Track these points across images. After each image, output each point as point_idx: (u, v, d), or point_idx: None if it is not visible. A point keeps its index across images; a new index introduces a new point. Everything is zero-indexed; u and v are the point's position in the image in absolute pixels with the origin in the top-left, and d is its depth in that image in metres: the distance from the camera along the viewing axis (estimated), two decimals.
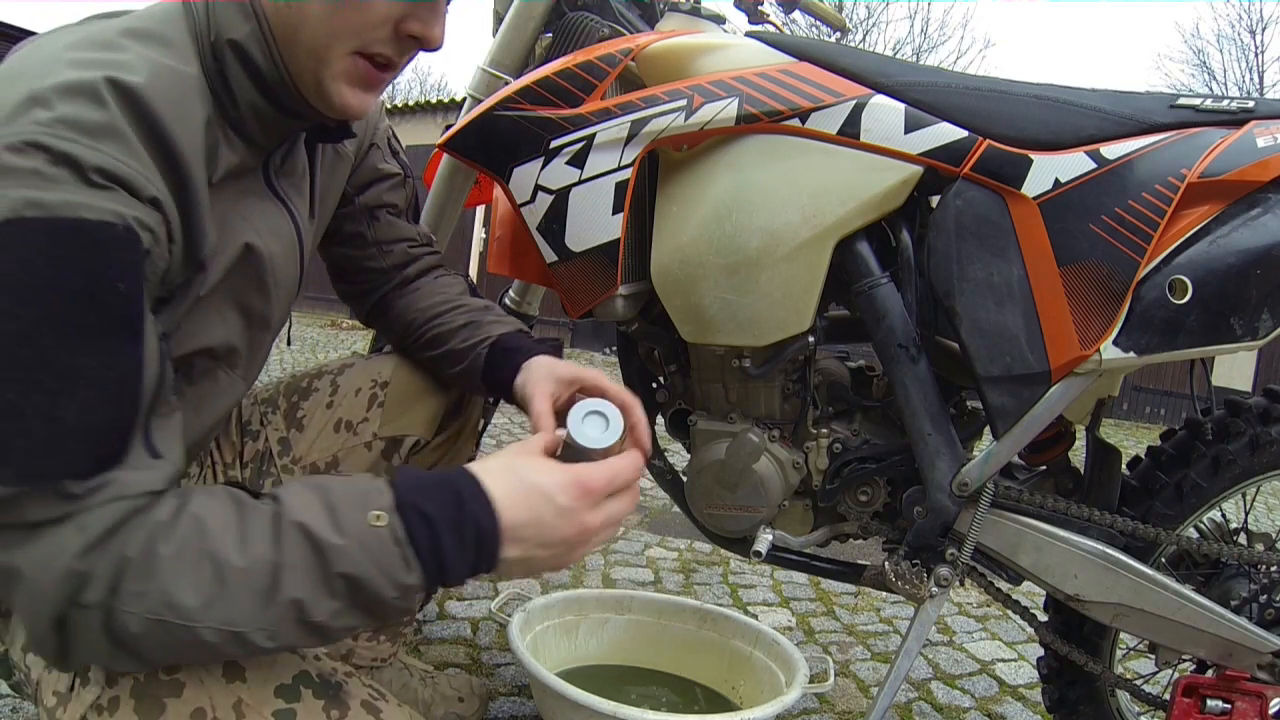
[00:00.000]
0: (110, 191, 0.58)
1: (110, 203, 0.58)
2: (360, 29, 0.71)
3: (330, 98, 0.74)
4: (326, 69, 0.73)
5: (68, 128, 0.57)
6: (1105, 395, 1.14)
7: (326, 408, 1.10)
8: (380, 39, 0.72)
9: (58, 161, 0.56)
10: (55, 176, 0.56)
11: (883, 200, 1.04)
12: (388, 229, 1.10)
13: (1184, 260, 0.98)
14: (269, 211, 0.82)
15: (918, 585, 1.12)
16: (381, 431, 1.10)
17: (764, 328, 1.07)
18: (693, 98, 1.05)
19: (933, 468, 1.08)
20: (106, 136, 0.59)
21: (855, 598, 2.18)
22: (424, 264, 1.15)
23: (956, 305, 1.03)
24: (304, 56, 0.72)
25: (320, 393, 1.12)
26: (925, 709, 1.64)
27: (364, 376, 1.12)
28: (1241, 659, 1.09)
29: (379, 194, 1.08)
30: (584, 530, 0.67)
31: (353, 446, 1.10)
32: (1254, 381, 8.66)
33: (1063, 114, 1.02)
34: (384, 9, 0.71)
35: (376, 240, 1.10)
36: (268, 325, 0.86)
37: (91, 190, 0.57)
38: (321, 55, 0.72)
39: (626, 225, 1.07)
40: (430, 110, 10.65)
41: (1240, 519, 1.23)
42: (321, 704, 0.69)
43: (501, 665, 1.58)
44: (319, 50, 0.72)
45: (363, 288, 1.13)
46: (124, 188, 0.59)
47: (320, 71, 0.73)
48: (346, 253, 1.10)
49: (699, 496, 1.20)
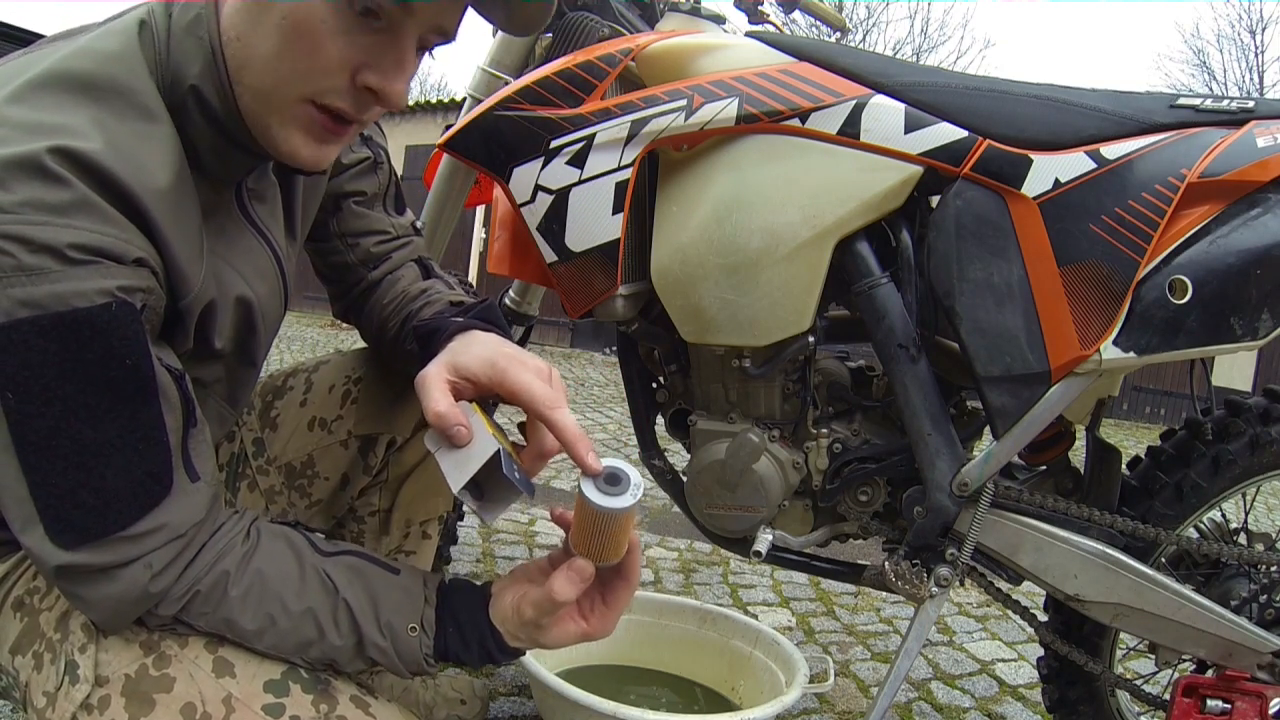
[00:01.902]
0: (94, 266, 0.58)
1: (97, 279, 0.58)
2: (310, 74, 0.65)
3: (277, 145, 0.69)
4: (273, 114, 0.68)
5: (34, 210, 0.56)
6: (1105, 395, 1.14)
7: (300, 406, 1.07)
8: (334, 88, 0.66)
9: (36, 250, 0.56)
10: (37, 267, 0.56)
11: (883, 200, 1.04)
12: (354, 220, 1.01)
13: (1184, 260, 0.98)
14: (251, 250, 0.79)
15: (918, 585, 1.12)
16: (356, 430, 1.06)
17: (764, 328, 1.07)
18: (693, 98, 1.05)
19: (933, 468, 1.08)
20: (76, 211, 0.58)
21: (855, 598, 2.18)
22: (395, 261, 1.04)
23: (956, 305, 1.03)
24: (249, 98, 0.67)
25: (294, 391, 1.08)
26: (925, 709, 1.64)
27: (337, 373, 1.08)
28: (1241, 659, 1.09)
29: (341, 183, 0.98)
30: None
31: (327, 445, 1.07)
32: (1254, 381, 8.66)
33: (1063, 114, 1.02)
34: (338, 54, 0.65)
35: (341, 233, 1.00)
36: (255, 363, 0.87)
37: (76, 270, 0.57)
38: (269, 99, 0.67)
39: (626, 225, 1.07)
40: (430, 110, 10.66)
41: (1240, 519, 1.23)
42: (310, 698, 0.70)
43: (501, 666, 1.58)
44: (266, 93, 0.67)
45: (338, 287, 1.05)
46: (107, 258, 0.58)
47: (267, 117, 0.68)
48: (315, 246, 1.02)
49: (699, 496, 1.20)
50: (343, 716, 0.70)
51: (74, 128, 0.60)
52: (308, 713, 0.69)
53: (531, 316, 1.62)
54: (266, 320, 0.84)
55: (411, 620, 0.74)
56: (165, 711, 0.66)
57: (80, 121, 0.61)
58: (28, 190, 0.56)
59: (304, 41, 0.64)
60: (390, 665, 0.75)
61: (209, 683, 0.68)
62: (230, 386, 0.85)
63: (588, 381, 5.80)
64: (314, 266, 1.05)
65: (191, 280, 0.68)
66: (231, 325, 0.78)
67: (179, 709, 0.66)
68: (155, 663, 0.68)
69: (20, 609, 0.74)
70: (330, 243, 1.01)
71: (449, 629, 0.76)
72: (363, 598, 0.73)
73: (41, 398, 0.58)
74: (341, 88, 0.66)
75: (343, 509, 1.13)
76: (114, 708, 0.66)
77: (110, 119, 0.62)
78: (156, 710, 0.66)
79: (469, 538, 2.26)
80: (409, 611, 0.75)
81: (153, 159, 0.64)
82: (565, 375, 6.04)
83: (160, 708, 0.66)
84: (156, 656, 0.68)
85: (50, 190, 0.57)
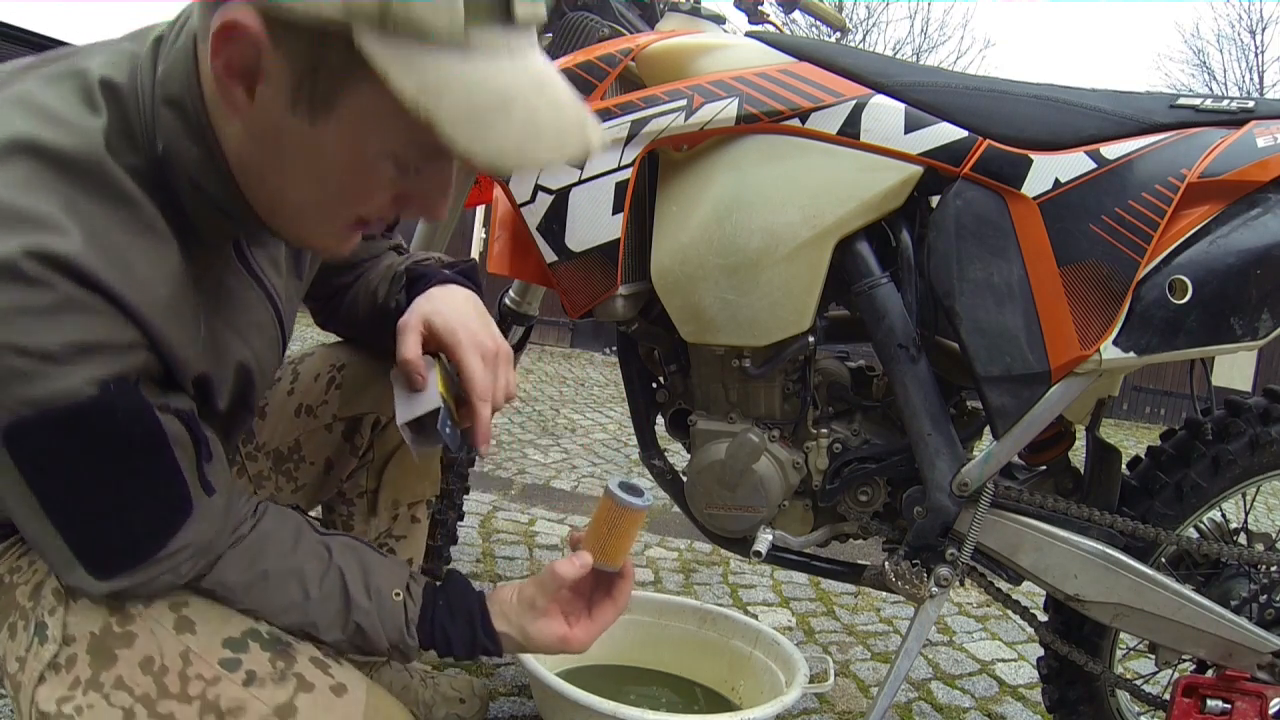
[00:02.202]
0: (87, 360, 0.58)
1: (91, 371, 0.59)
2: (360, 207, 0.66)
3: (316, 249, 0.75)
4: (311, 234, 0.70)
5: (19, 315, 0.56)
6: (1105, 395, 1.14)
7: (287, 394, 1.11)
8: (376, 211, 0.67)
9: (27, 355, 0.56)
10: (32, 371, 0.57)
11: (883, 200, 1.04)
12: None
13: (1184, 260, 0.98)
14: (249, 304, 0.78)
15: (918, 585, 1.12)
16: (341, 412, 1.10)
17: (764, 328, 1.07)
18: (693, 98, 1.05)
19: (933, 468, 1.08)
20: (63, 311, 0.57)
21: (855, 598, 2.18)
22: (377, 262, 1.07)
23: (956, 305, 1.03)
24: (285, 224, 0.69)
25: (281, 381, 1.12)
26: (925, 709, 1.64)
27: (322, 362, 1.12)
28: (1241, 659, 1.09)
29: None
30: None
31: (313, 430, 1.10)
32: (1254, 381, 8.66)
33: (1063, 114, 1.02)
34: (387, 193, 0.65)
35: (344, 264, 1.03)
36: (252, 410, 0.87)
37: (70, 368, 0.58)
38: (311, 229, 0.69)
39: (626, 225, 1.07)
40: None
41: (1240, 519, 1.23)
42: (268, 655, 0.73)
43: (501, 665, 1.58)
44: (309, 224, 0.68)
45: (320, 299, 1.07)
46: (98, 351, 0.59)
47: (301, 231, 0.70)
48: None
49: (699, 496, 1.20)
50: (300, 674, 0.73)
51: (48, 220, 0.57)
52: (264, 669, 0.72)
53: (531, 316, 1.61)
54: (264, 374, 0.84)
55: (398, 586, 0.81)
56: (125, 665, 0.69)
57: (53, 210, 0.58)
58: (8, 296, 0.56)
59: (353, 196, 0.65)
60: (373, 633, 0.79)
61: (169, 638, 0.71)
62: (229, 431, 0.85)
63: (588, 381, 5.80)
64: None
65: (189, 364, 0.69)
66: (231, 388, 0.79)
67: (138, 662, 0.69)
68: (119, 621, 0.70)
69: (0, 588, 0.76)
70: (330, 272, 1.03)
71: (438, 602, 0.82)
72: (354, 565, 0.80)
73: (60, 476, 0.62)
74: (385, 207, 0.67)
75: (330, 493, 1.16)
76: (79, 665, 0.69)
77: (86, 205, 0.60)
78: (118, 664, 0.69)
79: (469, 538, 2.26)
80: (397, 579, 0.82)
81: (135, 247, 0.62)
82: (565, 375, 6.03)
83: (121, 662, 0.69)
84: (121, 616, 0.71)
85: (32, 295, 0.56)
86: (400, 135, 0.60)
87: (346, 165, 0.62)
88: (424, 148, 0.62)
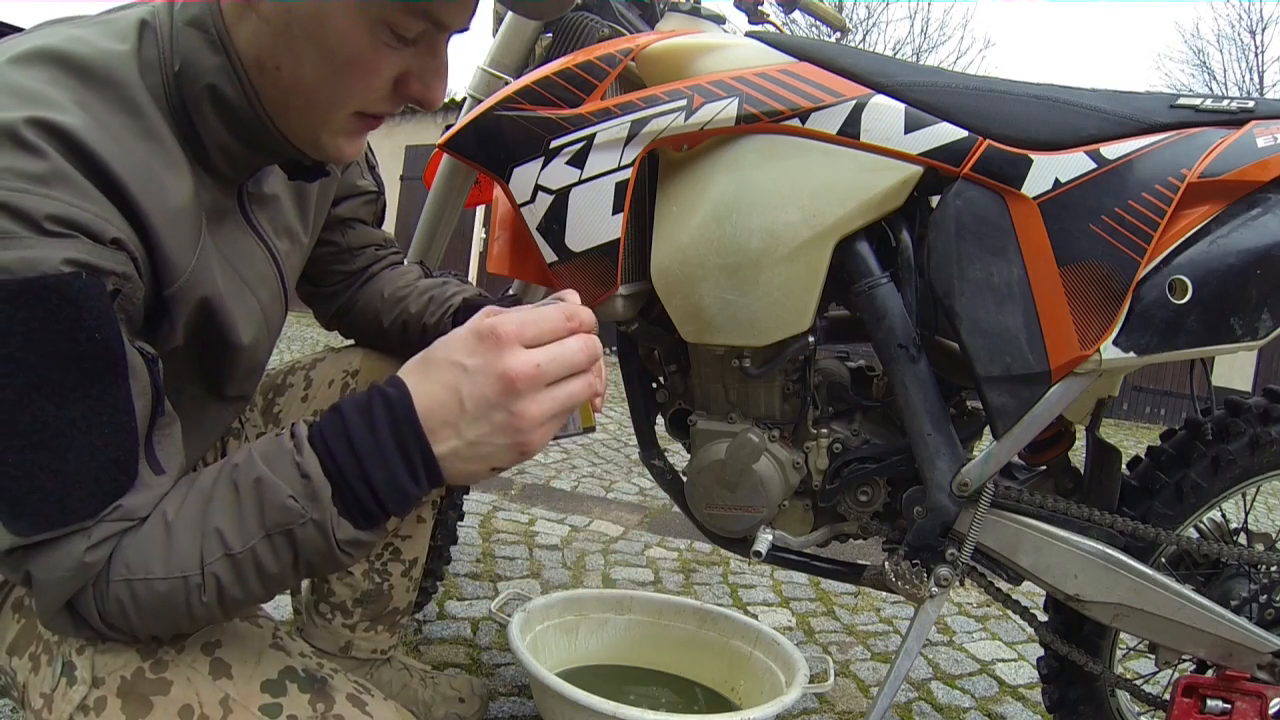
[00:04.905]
0: (69, 239, 0.57)
1: (70, 251, 0.56)
2: (363, 95, 0.69)
3: (326, 151, 0.74)
4: (323, 129, 0.71)
5: (13, 177, 0.56)
6: (1105, 395, 1.14)
7: (302, 401, 1.12)
8: (381, 99, 0.71)
9: (10, 215, 0.55)
10: (10, 231, 0.55)
11: (883, 200, 1.04)
12: (357, 237, 1.12)
13: (1184, 260, 0.98)
14: (254, 255, 0.80)
15: (918, 585, 1.12)
16: None
17: (764, 328, 1.07)
18: (693, 98, 1.05)
19: (933, 468, 1.08)
20: (55, 182, 0.57)
21: (855, 598, 2.18)
22: (387, 262, 1.17)
23: (956, 305, 1.03)
24: (298, 118, 0.71)
25: (295, 388, 1.13)
26: (925, 709, 1.64)
27: (335, 368, 1.14)
28: (1241, 659, 1.09)
29: (354, 207, 1.10)
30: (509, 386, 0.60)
31: None
32: (1254, 381, 8.67)
33: (1063, 114, 1.02)
34: (388, 74, 0.69)
35: (349, 247, 1.12)
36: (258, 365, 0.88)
37: (49, 240, 0.56)
38: (319, 117, 0.71)
39: (626, 225, 1.07)
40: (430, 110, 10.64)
41: (1240, 519, 1.23)
42: (307, 697, 0.69)
43: (501, 665, 1.58)
44: (319, 113, 0.70)
45: (329, 290, 1.14)
46: (82, 233, 0.58)
47: (316, 130, 0.72)
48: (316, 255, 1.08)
49: (699, 496, 1.20)
50: (340, 715, 0.70)
51: (55, 101, 0.59)
52: (305, 712, 0.69)
53: None
54: (270, 324, 0.85)
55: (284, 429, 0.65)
56: (163, 713, 0.66)
57: (63, 98, 0.60)
58: (3, 158, 0.56)
59: (356, 70, 0.67)
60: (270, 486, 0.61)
61: (206, 685, 0.67)
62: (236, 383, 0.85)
63: None
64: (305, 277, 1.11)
65: (179, 267, 0.67)
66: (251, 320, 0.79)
67: (177, 710, 0.66)
68: (152, 667, 0.67)
69: (19, 610, 0.75)
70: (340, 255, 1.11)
71: (332, 415, 0.64)
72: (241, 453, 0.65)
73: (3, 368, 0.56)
74: (386, 96, 0.70)
75: None
76: (110, 709, 0.66)
77: (98, 105, 0.62)
78: (154, 712, 0.66)
79: (469, 538, 2.26)
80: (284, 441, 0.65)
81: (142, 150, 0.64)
82: None
83: (158, 709, 0.66)
84: (154, 661, 0.68)
85: (27, 160, 0.56)
86: None
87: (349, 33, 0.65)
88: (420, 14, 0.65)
